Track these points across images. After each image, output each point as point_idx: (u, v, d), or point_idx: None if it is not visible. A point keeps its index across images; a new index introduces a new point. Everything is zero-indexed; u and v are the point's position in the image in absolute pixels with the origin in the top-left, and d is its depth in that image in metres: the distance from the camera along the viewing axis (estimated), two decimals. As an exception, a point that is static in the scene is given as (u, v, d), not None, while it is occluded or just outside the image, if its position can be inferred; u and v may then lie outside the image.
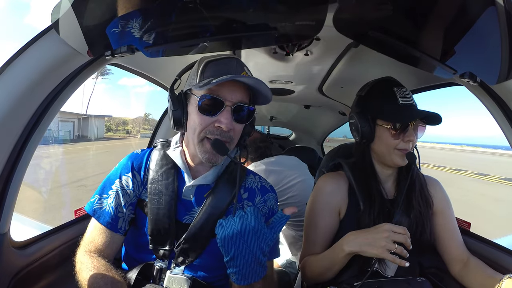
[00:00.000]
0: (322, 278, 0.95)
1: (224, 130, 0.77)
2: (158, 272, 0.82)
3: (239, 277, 0.70)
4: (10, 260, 0.80)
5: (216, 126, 0.77)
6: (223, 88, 0.76)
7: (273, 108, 2.86)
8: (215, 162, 0.80)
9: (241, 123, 0.81)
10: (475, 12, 0.67)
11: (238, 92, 0.78)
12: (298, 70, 1.45)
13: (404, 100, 0.90)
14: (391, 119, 0.90)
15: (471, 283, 0.91)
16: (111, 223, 0.82)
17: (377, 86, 0.96)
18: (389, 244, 0.78)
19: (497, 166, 23.33)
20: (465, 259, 0.96)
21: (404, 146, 0.90)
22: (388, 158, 0.93)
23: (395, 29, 0.76)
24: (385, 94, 0.93)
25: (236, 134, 0.81)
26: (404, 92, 0.92)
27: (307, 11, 0.72)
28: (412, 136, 0.89)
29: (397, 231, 0.80)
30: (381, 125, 0.92)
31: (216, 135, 0.77)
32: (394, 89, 0.91)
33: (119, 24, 0.72)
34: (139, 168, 0.88)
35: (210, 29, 0.78)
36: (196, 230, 0.81)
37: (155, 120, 36.00)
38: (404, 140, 0.90)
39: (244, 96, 0.80)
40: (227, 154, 0.76)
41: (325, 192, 1.01)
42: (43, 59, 0.73)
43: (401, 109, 0.89)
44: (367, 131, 0.94)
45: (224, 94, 0.76)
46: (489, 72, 0.79)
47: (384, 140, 0.92)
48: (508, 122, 0.87)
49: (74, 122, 34.39)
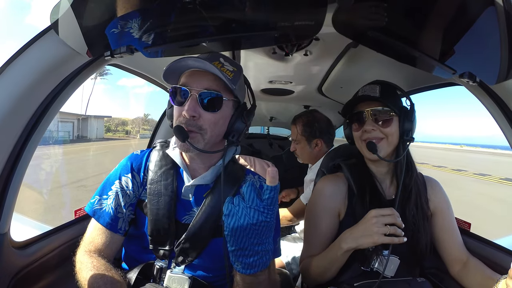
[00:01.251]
0: (322, 279, 0.95)
1: (187, 117, 0.77)
2: (158, 271, 0.82)
3: (245, 266, 0.65)
4: (10, 260, 0.80)
5: (183, 114, 0.77)
6: (190, 78, 0.79)
7: (272, 108, 2.86)
8: (187, 150, 0.80)
9: (210, 112, 0.78)
10: (475, 12, 0.67)
11: (204, 80, 0.78)
12: (298, 70, 1.45)
13: (361, 92, 0.94)
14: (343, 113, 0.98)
15: (470, 283, 0.91)
16: (111, 223, 0.82)
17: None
18: (381, 228, 0.79)
19: (497, 166, 23.33)
20: (465, 259, 0.96)
21: (366, 136, 0.93)
22: (362, 152, 0.97)
23: (394, 29, 0.76)
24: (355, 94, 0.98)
25: (207, 123, 0.78)
26: (366, 87, 0.95)
27: (306, 11, 0.72)
28: (368, 126, 0.92)
29: (384, 214, 0.81)
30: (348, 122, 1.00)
31: (182, 123, 0.77)
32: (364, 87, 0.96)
33: (119, 24, 0.72)
34: (138, 169, 0.88)
35: (209, 29, 0.77)
36: (195, 230, 0.81)
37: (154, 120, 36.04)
38: (362, 130, 0.94)
39: (213, 84, 0.79)
40: (185, 140, 0.75)
41: (324, 195, 1.01)
42: (42, 59, 0.73)
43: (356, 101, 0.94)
44: (347, 132, 1.00)
45: (191, 84, 0.78)
46: (488, 72, 0.79)
47: (353, 136, 0.98)
48: (507, 122, 0.87)
49: (74, 122, 34.41)
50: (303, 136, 1.65)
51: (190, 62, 0.76)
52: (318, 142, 1.64)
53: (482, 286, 0.85)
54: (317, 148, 1.65)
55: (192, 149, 0.77)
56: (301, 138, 1.66)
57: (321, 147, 1.64)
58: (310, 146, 1.65)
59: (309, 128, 1.63)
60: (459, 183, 13.09)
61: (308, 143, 1.65)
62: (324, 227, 0.99)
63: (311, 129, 1.63)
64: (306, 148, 1.67)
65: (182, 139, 0.76)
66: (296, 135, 1.68)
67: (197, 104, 0.77)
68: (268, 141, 3.34)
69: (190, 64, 0.77)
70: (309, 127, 1.64)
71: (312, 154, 1.67)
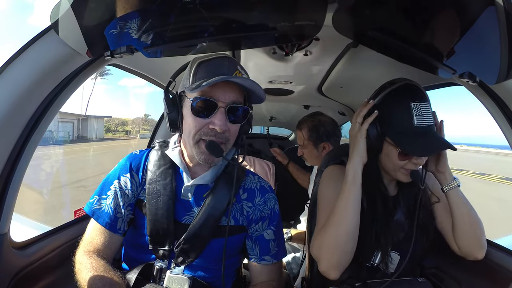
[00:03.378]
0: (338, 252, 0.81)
1: (219, 132, 0.76)
2: (158, 272, 0.82)
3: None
4: (10, 260, 0.80)
5: (211, 128, 0.76)
6: (216, 89, 0.75)
7: (272, 108, 2.86)
8: (212, 163, 0.80)
9: (236, 124, 0.80)
10: (475, 12, 0.67)
11: (231, 93, 0.77)
12: (298, 70, 1.45)
13: (420, 121, 0.80)
14: (402, 146, 0.81)
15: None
16: (110, 223, 0.82)
17: (394, 96, 0.85)
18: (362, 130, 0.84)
19: (497, 166, 23.33)
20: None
21: (411, 167, 0.84)
22: (393, 174, 0.89)
23: (394, 29, 0.76)
24: (401, 110, 0.82)
25: (232, 134, 0.80)
26: (421, 109, 0.81)
27: (306, 11, 0.72)
28: (422, 160, 0.84)
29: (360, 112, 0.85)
30: (390, 144, 0.84)
31: (211, 136, 0.76)
32: (411, 104, 0.81)
33: (118, 25, 0.72)
34: (137, 168, 0.88)
35: (209, 29, 0.78)
36: (195, 230, 0.81)
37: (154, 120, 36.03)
38: (411, 162, 0.84)
39: (238, 96, 0.78)
40: (222, 155, 0.76)
41: (334, 178, 0.95)
42: (42, 59, 0.73)
43: (415, 134, 0.80)
44: (376, 144, 0.86)
45: (217, 95, 0.75)
46: (488, 72, 0.79)
47: (391, 158, 0.85)
48: (507, 122, 0.87)
49: (74, 122, 34.36)
50: (310, 141, 1.63)
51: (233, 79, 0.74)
52: (325, 145, 1.61)
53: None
54: (324, 151, 1.62)
55: (216, 162, 0.80)
56: (308, 143, 1.64)
57: (329, 150, 1.61)
58: (318, 150, 1.63)
59: (315, 133, 1.61)
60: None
61: (315, 147, 1.63)
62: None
63: (317, 133, 1.61)
64: (313, 152, 1.64)
65: (217, 155, 0.76)
66: (303, 141, 1.65)
67: (225, 118, 0.77)
68: (268, 141, 3.34)
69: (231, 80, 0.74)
70: (315, 131, 1.61)
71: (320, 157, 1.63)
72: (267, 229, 0.90)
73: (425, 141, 0.80)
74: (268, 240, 0.90)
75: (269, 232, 0.90)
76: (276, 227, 0.92)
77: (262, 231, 0.89)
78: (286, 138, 3.79)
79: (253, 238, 0.90)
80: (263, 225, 0.89)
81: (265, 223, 0.90)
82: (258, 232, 0.89)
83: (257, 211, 0.89)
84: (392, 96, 0.85)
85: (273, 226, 0.91)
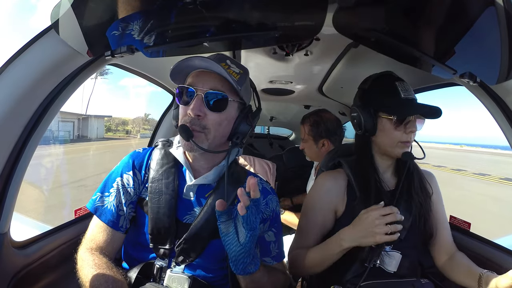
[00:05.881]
0: (311, 271, 0.98)
1: (192, 116, 0.77)
2: (159, 271, 0.82)
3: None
4: (10, 260, 0.80)
5: (188, 113, 0.78)
6: (197, 78, 0.79)
7: (273, 108, 2.86)
8: (191, 150, 0.80)
9: (215, 112, 0.79)
10: (475, 12, 0.67)
11: (210, 81, 0.79)
12: (298, 70, 1.45)
13: (405, 94, 0.92)
14: (394, 113, 0.91)
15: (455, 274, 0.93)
16: (112, 221, 0.82)
17: (379, 80, 0.98)
18: (383, 229, 0.81)
19: (497, 166, 23.32)
20: (453, 252, 0.98)
21: (407, 138, 0.92)
22: (391, 150, 0.95)
23: (395, 29, 0.76)
24: (388, 88, 0.94)
25: (211, 123, 0.79)
26: (405, 86, 0.93)
27: (307, 11, 0.72)
28: (414, 127, 0.91)
29: (385, 213, 0.82)
30: (384, 118, 0.93)
31: (187, 122, 0.78)
32: (396, 83, 0.93)
33: (119, 25, 0.73)
34: (140, 166, 0.88)
35: (210, 29, 0.78)
36: (197, 230, 0.81)
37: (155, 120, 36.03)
38: (406, 132, 0.91)
39: (218, 84, 0.79)
40: (190, 139, 0.76)
41: (323, 189, 1.02)
42: (43, 59, 0.73)
43: (404, 102, 0.91)
44: (370, 124, 0.95)
45: (197, 84, 0.79)
46: (488, 72, 0.79)
47: (387, 132, 0.93)
48: (508, 122, 0.87)
49: (74, 122, 34.37)
50: (310, 136, 1.67)
51: (197, 62, 0.76)
52: (325, 142, 1.65)
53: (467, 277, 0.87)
54: (323, 148, 1.65)
55: (195, 148, 0.78)
56: (308, 137, 1.68)
57: (328, 147, 1.65)
58: (317, 146, 1.66)
59: (315, 129, 1.65)
60: (459, 183, 13.08)
61: (314, 142, 1.67)
62: (320, 220, 1.00)
63: (317, 129, 1.64)
64: (313, 147, 1.68)
65: (186, 138, 0.76)
66: (304, 135, 1.70)
67: (202, 104, 0.77)
68: (269, 141, 3.34)
69: (196, 64, 0.78)
70: (316, 127, 1.65)
71: (319, 154, 1.68)
72: (268, 231, 0.90)
73: (415, 105, 0.92)
74: (269, 242, 0.90)
75: (270, 234, 0.90)
76: (277, 229, 0.92)
77: (263, 232, 0.89)
78: (286, 138, 3.80)
79: None
80: (264, 226, 0.89)
81: (266, 224, 0.90)
82: (259, 234, 0.89)
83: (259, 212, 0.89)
84: (378, 81, 0.97)
85: (274, 228, 0.91)
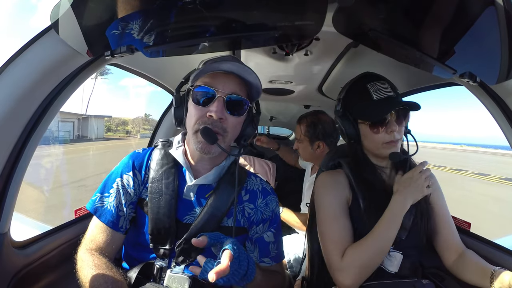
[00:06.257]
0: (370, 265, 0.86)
1: (215, 119, 0.77)
2: (159, 271, 0.82)
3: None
4: (10, 259, 0.80)
5: (208, 116, 0.78)
6: (216, 80, 0.79)
7: (273, 108, 2.86)
8: (208, 153, 0.80)
9: (235, 116, 0.81)
10: (475, 12, 0.67)
11: (231, 84, 0.79)
12: (298, 70, 1.45)
13: (378, 95, 0.90)
14: (367, 117, 0.92)
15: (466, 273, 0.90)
16: (112, 221, 0.82)
17: (353, 86, 0.98)
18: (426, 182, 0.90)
19: (497, 166, 23.32)
20: (461, 250, 0.96)
21: (389, 138, 0.91)
22: (378, 152, 0.95)
23: (394, 29, 0.76)
24: (360, 93, 0.93)
25: (230, 126, 0.81)
26: (378, 86, 0.92)
27: (306, 11, 0.72)
28: (393, 126, 0.90)
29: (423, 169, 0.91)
30: (362, 123, 0.94)
31: (208, 124, 0.78)
32: (367, 86, 0.92)
33: (119, 25, 0.72)
34: (140, 167, 0.88)
35: (210, 29, 0.78)
36: (197, 230, 0.81)
37: (155, 120, 36.02)
38: (387, 132, 0.90)
39: (238, 88, 0.80)
40: (215, 142, 0.76)
41: (327, 185, 1.00)
42: (42, 59, 0.73)
43: (377, 104, 0.90)
44: (352, 132, 0.96)
45: (217, 85, 0.78)
46: (488, 72, 0.79)
47: (368, 137, 0.94)
48: (508, 122, 0.87)
49: (74, 122, 34.36)
50: (306, 137, 1.66)
51: (226, 66, 0.77)
52: (320, 144, 1.63)
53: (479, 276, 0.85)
54: (319, 150, 1.64)
55: (213, 151, 0.79)
56: (304, 138, 1.67)
57: (323, 149, 1.64)
58: (312, 147, 1.65)
59: (312, 130, 1.64)
60: (460, 183, 13.08)
61: (310, 144, 1.65)
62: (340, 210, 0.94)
63: (314, 130, 1.63)
64: (308, 148, 1.67)
65: (211, 141, 0.76)
66: (300, 135, 1.69)
67: (223, 107, 0.78)
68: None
69: (225, 68, 0.78)
70: (312, 128, 1.64)
71: (314, 155, 1.67)
72: (268, 231, 0.90)
73: (389, 104, 0.90)
74: (268, 242, 0.90)
75: (269, 234, 0.90)
76: (276, 229, 0.92)
77: (263, 233, 0.89)
78: (286, 138, 3.79)
79: (253, 240, 0.90)
80: (264, 227, 0.90)
81: (265, 225, 0.90)
82: (258, 234, 0.89)
83: (258, 213, 0.89)
84: (352, 87, 0.98)
85: (273, 229, 0.91)
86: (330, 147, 1.65)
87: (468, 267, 0.90)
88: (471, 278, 0.87)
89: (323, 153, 1.65)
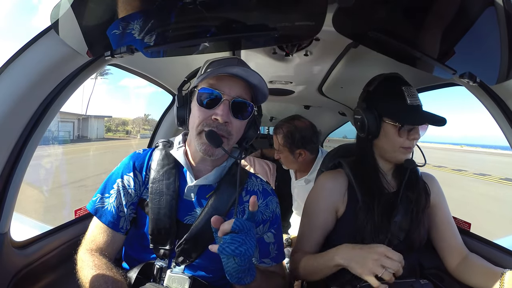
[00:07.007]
0: (309, 278, 0.98)
1: (220, 122, 0.77)
2: (159, 271, 0.82)
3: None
4: (10, 260, 0.80)
5: (213, 119, 0.78)
6: (222, 83, 0.78)
7: (273, 108, 2.86)
8: (211, 155, 0.80)
9: (239, 119, 0.81)
10: (475, 12, 0.67)
11: (236, 87, 0.79)
12: (298, 71, 1.45)
13: (412, 101, 0.90)
14: (400, 120, 0.89)
15: (471, 277, 0.90)
16: (112, 222, 0.82)
17: (385, 83, 0.96)
18: (375, 268, 0.76)
19: (497, 166, 23.31)
20: (464, 254, 0.96)
21: (409, 144, 0.91)
22: (391, 155, 0.94)
23: (394, 29, 0.76)
24: (394, 93, 0.92)
25: (235, 129, 0.81)
26: (412, 91, 0.91)
27: (306, 11, 0.72)
28: (418, 134, 0.91)
29: (390, 257, 0.77)
30: (389, 123, 0.91)
31: (213, 127, 0.78)
32: (402, 88, 0.91)
33: (119, 25, 0.73)
34: (140, 167, 0.88)
35: (210, 29, 0.78)
36: (197, 231, 0.82)
37: (155, 120, 36.01)
38: (409, 139, 0.90)
39: (243, 92, 0.81)
40: (220, 146, 0.76)
41: (324, 189, 1.01)
42: (42, 59, 0.73)
43: (410, 109, 0.89)
44: (373, 127, 0.93)
45: (223, 88, 0.78)
46: (488, 72, 0.79)
47: (390, 137, 0.92)
48: (507, 122, 0.87)
49: (74, 122, 34.36)
50: (285, 147, 1.58)
51: (235, 70, 0.77)
52: (302, 152, 1.56)
53: (485, 278, 0.84)
54: (301, 158, 1.58)
55: (216, 154, 0.79)
56: (283, 149, 1.59)
57: (305, 156, 1.57)
58: (294, 156, 1.58)
59: (290, 139, 1.55)
60: (460, 183, 13.08)
61: (291, 153, 1.58)
62: (322, 222, 0.99)
63: (292, 139, 1.55)
64: (289, 157, 1.60)
65: (216, 144, 0.76)
66: (278, 146, 1.62)
67: (229, 110, 0.78)
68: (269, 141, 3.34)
69: (234, 72, 0.78)
70: (290, 137, 1.55)
71: (297, 163, 1.61)
72: (268, 232, 0.90)
73: (421, 114, 0.90)
74: (268, 243, 0.90)
75: (269, 235, 0.90)
76: (276, 230, 0.92)
77: (263, 233, 0.89)
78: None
79: None
80: (264, 227, 0.89)
81: (266, 225, 0.90)
82: (259, 235, 0.89)
83: (258, 213, 0.89)
84: (385, 83, 0.96)
85: (273, 229, 0.91)
86: (312, 153, 1.58)
87: (473, 270, 0.90)
88: (477, 281, 0.87)
89: (306, 160, 1.60)
